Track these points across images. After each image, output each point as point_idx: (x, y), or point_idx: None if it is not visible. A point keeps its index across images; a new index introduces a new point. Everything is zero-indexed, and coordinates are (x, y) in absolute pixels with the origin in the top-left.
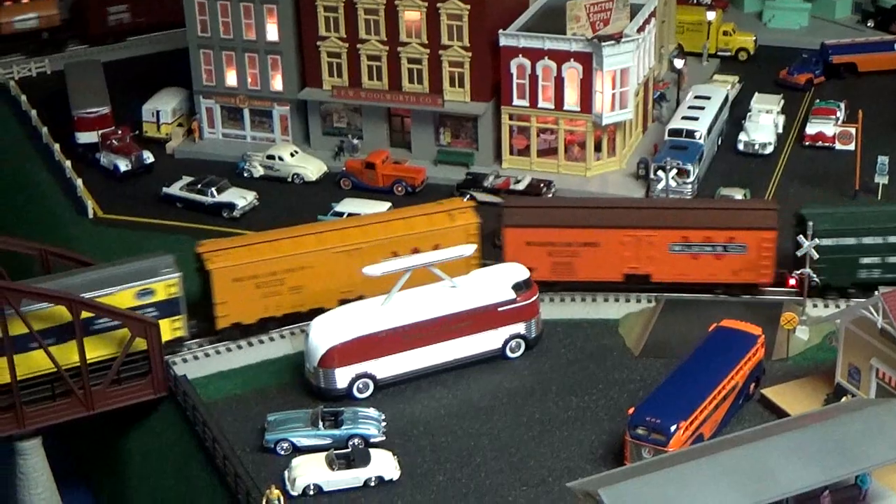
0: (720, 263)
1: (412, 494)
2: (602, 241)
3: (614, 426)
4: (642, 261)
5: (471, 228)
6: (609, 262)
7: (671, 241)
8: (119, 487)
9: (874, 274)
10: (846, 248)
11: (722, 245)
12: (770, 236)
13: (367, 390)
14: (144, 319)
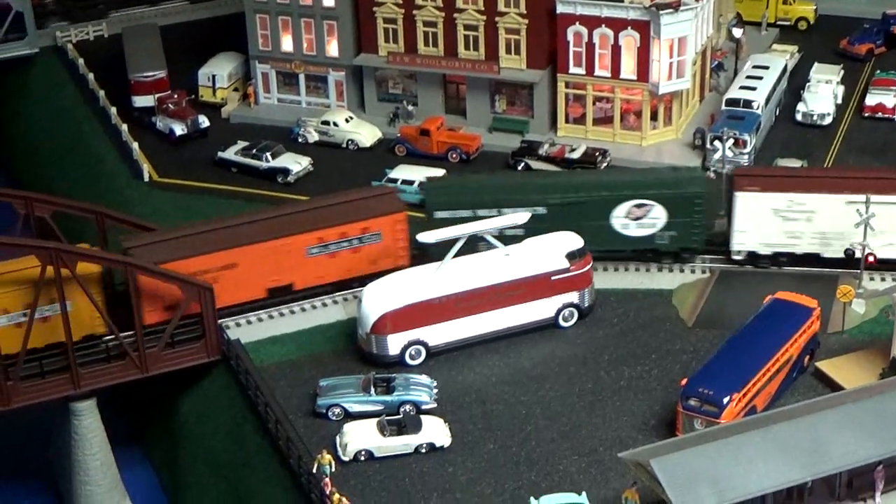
0: (358, 256)
1: (463, 461)
2: (239, 260)
3: (666, 397)
4: (284, 271)
5: None
6: (251, 280)
7: (307, 244)
8: (172, 450)
9: None
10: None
11: (357, 238)
12: (401, 218)
13: (419, 357)
14: (199, 283)
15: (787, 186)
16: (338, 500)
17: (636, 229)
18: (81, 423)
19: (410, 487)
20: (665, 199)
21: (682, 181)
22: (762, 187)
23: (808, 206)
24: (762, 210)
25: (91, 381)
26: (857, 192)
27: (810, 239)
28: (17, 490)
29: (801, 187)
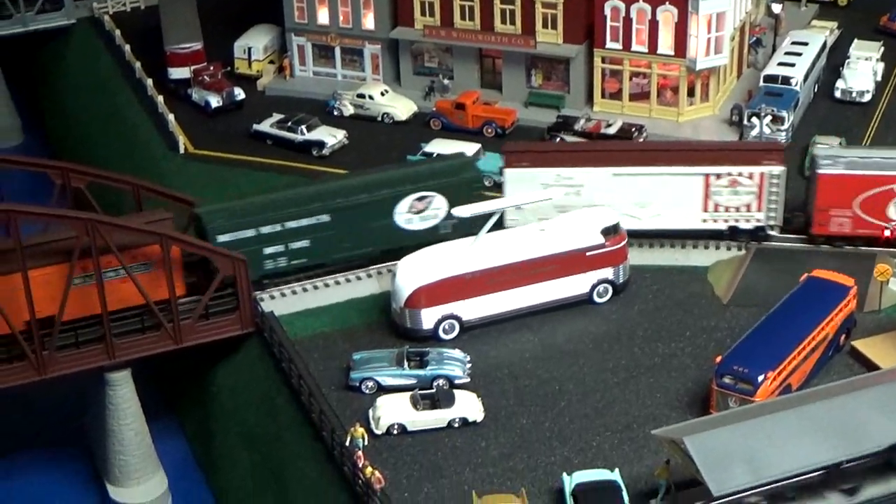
0: None
1: (495, 436)
2: None
3: (701, 374)
4: None
5: None
6: None
7: None
8: (206, 421)
9: (280, 263)
10: (248, 241)
11: None
12: None
13: (452, 332)
14: (233, 255)
15: (555, 161)
16: (370, 473)
17: (420, 223)
18: (116, 393)
19: (442, 461)
20: (444, 187)
21: (457, 168)
22: (531, 162)
23: (576, 179)
24: (532, 185)
25: (126, 351)
26: (623, 164)
27: None
28: (52, 458)
29: (569, 161)
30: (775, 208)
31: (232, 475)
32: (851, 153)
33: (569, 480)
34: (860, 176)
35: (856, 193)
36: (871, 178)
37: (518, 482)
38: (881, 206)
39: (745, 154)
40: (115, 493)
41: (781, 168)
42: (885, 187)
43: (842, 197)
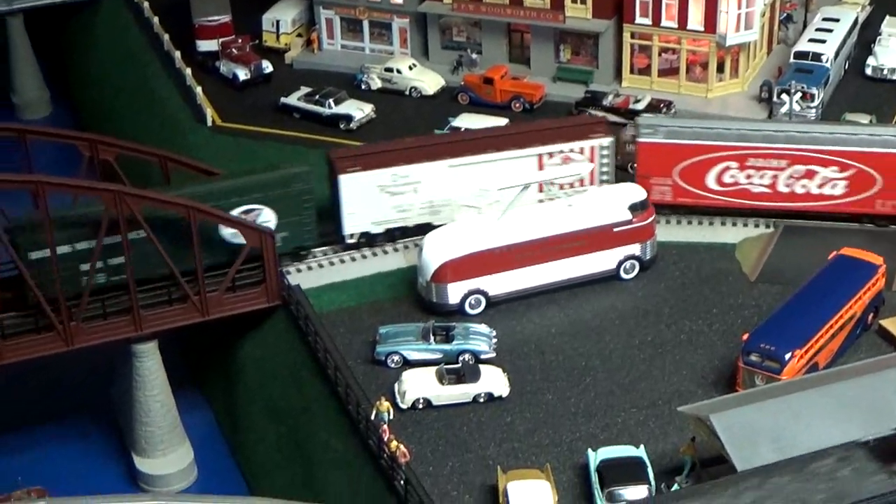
0: None
1: (521, 412)
2: None
3: (727, 352)
4: None
5: None
6: None
7: None
8: (232, 393)
9: (100, 279)
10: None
11: None
12: None
13: (478, 306)
14: (260, 228)
15: (388, 161)
16: (395, 447)
17: None
18: (143, 364)
19: (468, 436)
20: (272, 200)
21: (287, 179)
22: (363, 166)
23: (412, 177)
24: (368, 189)
25: (153, 323)
26: (457, 155)
27: (419, 210)
28: (79, 428)
29: (402, 159)
30: (608, 180)
31: (257, 447)
32: (673, 122)
33: (594, 456)
34: (679, 145)
35: (675, 162)
36: (690, 147)
37: (543, 457)
38: (700, 175)
39: (572, 130)
40: (141, 464)
41: (609, 139)
42: (703, 156)
43: (662, 166)
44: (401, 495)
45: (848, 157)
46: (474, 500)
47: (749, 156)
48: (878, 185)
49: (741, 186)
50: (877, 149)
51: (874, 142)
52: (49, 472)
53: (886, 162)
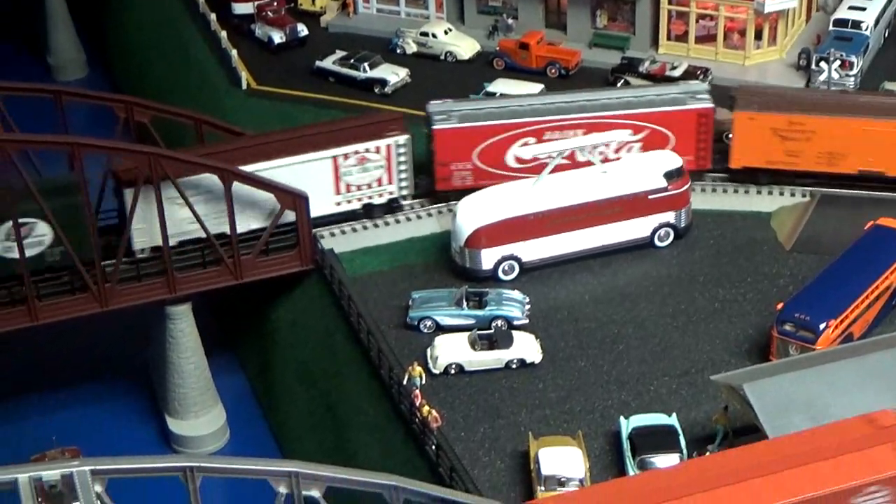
0: None
1: (553, 378)
2: None
3: (761, 321)
4: None
5: None
6: None
7: None
8: (264, 356)
9: None
10: None
11: None
12: None
13: (512, 272)
14: (294, 192)
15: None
16: (427, 412)
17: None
18: (176, 326)
19: (500, 402)
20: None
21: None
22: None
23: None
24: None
25: (186, 285)
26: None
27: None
28: (113, 389)
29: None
30: (406, 177)
31: (290, 410)
32: (464, 105)
33: (626, 424)
34: (474, 128)
35: (473, 145)
36: (486, 129)
37: (575, 425)
38: (500, 154)
39: (367, 129)
40: (174, 425)
41: (406, 136)
42: (501, 136)
43: (460, 150)
44: (432, 460)
45: (640, 119)
46: (505, 466)
47: (545, 129)
48: (671, 143)
49: (541, 160)
50: (666, 108)
51: (664, 101)
52: (83, 433)
53: (676, 119)
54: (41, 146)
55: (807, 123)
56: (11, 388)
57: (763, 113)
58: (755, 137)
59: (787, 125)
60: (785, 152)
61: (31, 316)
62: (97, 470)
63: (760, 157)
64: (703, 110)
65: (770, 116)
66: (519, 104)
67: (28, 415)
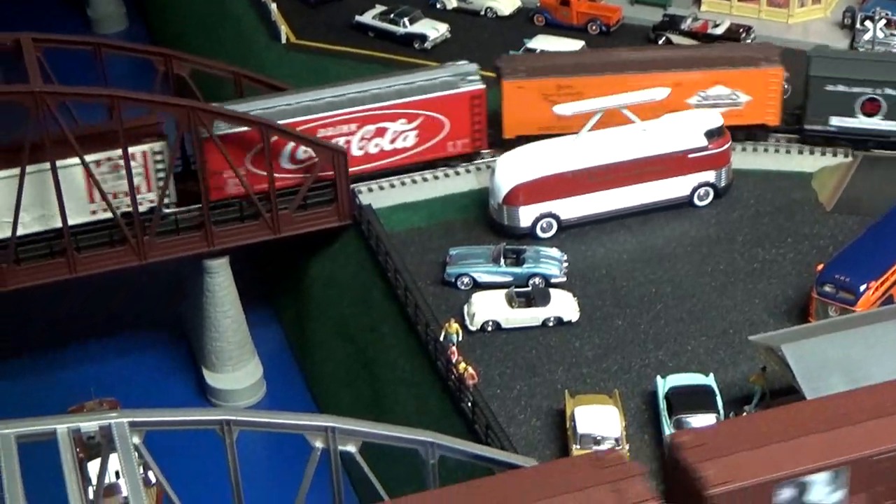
0: None
1: (590, 337)
2: None
3: (801, 282)
4: None
5: None
6: None
7: None
8: (301, 310)
9: None
10: None
11: None
12: None
13: (550, 230)
14: (332, 147)
15: None
16: (463, 368)
17: None
18: (214, 280)
19: (536, 360)
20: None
21: None
22: None
23: None
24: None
25: (224, 239)
26: None
27: None
28: (151, 342)
29: None
30: (161, 185)
31: (325, 365)
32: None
33: (662, 383)
34: (241, 133)
35: (245, 151)
36: (254, 134)
37: (611, 383)
38: (273, 158)
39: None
40: (211, 378)
41: (163, 143)
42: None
43: (232, 157)
44: (468, 417)
45: (413, 108)
46: (541, 423)
47: (317, 127)
48: (446, 128)
49: (315, 160)
50: (438, 93)
51: (434, 87)
52: (121, 384)
53: (449, 104)
54: (81, 98)
55: (575, 85)
56: (51, 339)
57: (531, 80)
58: (526, 105)
59: (556, 89)
60: (556, 117)
61: (70, 268)
62: (135, 422)
63: (532, 124)
64: (476, 92)
65: (538, 82)
66: (288, 103)
67: (66, 366)
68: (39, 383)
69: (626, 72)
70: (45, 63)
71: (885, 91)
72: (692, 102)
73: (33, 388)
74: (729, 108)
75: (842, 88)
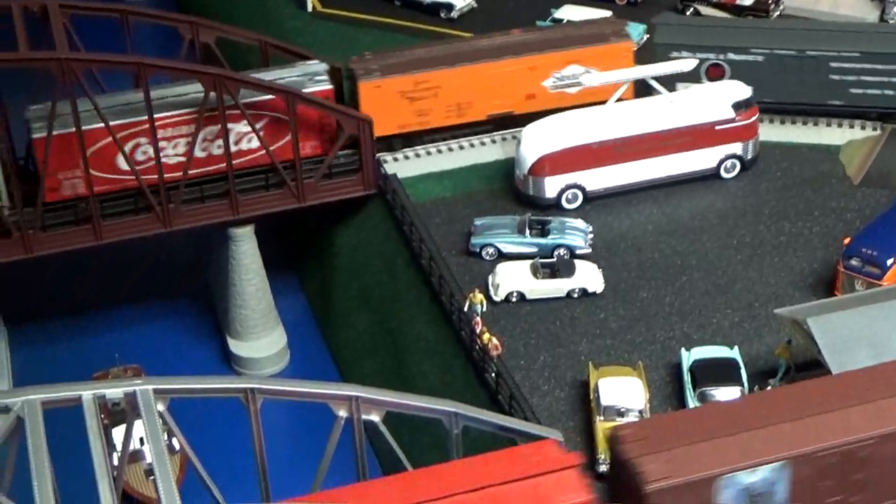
0: None
1: (615, 308)
2: None
3: (827, 255)
4: None
5: None
6: None
7: None
8: (326, 279)
9: None
10: None
11: None
12: None
13: (575, 201)
14: (358, 115)
15: None
16: (488, 339)
17: None
18: (239, 248)
19: (560, 331)
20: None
21: None
22: None
23: None
24: None
25: (249, 208)
26: None
27: None
28: (175, 310)
29: None
30: None
31: (349, 333)
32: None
33: (687, 356)
34: (75, 133)
35: (80, 152)
36: (90, 133)
37: (635, 355)
38: (110, 158)
39: None
40: (236, 346)
41: None
42: (106, 140)
43: (68, 157)
44: (491, 388)
45: (258, 109)
46: (565, 395)
47: (158, 127)
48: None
49: (154, 162)
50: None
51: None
52: (144, 351)
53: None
54: (107, 66)
55: (431, 80)
56: (76, 306)
57: (388, 78)
58: (385, 105)
59: (414, 86)
60: (416, 113)
61: (95, 235)
62: (160, 389)
63: (393, 123)
64: (323, 93)
65: (396, 80)
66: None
67: (90, 332)
68: (64, 350)
69: (481, 60)
70: (72, 30)
71: (727, 56)
72: (548, 85)
73: (58, 355)
74: (586, 87)
75: (686, 55)
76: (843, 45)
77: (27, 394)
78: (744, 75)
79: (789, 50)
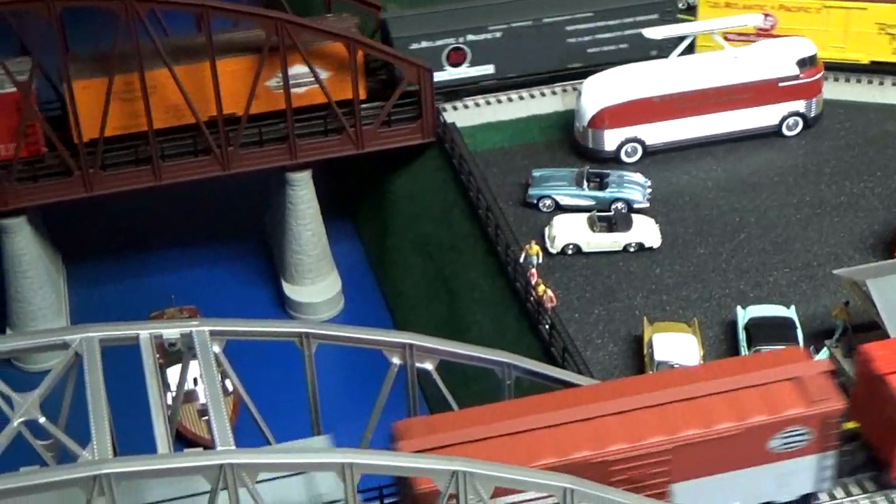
0: None
1: (671, 264)
2: None
3: (889, 216)
4: None
5: None
6: None
7: None
8: (382, 226)
9: None
10: None
11: None
12: None
13: (634, 155)
14: (418, 63)
15: None
16: (543, 291)
17: None
18: (296, 192)
19: (616, 285)
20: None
21: None
22: None
23: None
24: None
25: (307, 152)
26: None
27: None
28: (231, 253)
29: None
30: None
31: (404, 281)
32: None
33: (743, 314)
34: None
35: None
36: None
37: (690, 312)
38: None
39: None
40: (290, 290)
41: None
42: None
43: None
44: (545, 339)
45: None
46: (618, 349)
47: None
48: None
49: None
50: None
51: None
52: (201, 293)
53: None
54: (170, 7)
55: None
56: (132, 246)
57: (98, 78)
58: (99, 106)
59: (125, 86)
60: (131, 115)
61: (155, 176)
62: (216, 331)
63: (109, 125)
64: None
65: (106, 80)
66: None
67: (147, 273)
68: (121, 290)
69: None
70: None
71: (467, 38)
72: (271, 85)
73: (116, 294)
74: (311, 87)
75: (426, 45)
76: (577, 8)
77: (86, 331)
78: (484, 54)
79: (525, 21)
